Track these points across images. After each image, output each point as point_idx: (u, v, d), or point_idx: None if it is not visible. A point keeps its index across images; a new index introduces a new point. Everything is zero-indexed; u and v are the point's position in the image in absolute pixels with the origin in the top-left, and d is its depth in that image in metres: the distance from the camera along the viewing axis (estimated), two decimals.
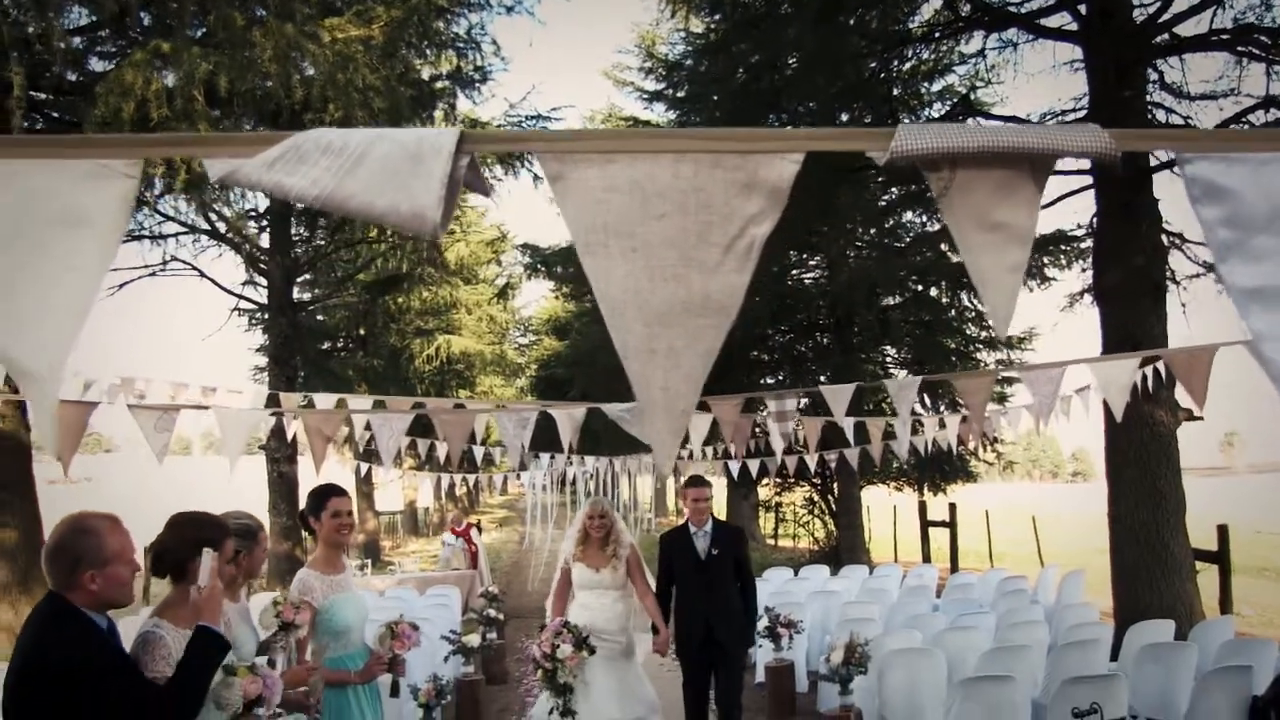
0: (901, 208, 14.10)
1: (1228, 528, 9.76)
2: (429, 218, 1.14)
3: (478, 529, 13.69)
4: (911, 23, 10.13)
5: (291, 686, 3.15)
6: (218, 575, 2.55)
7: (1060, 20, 9.43)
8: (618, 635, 5.05)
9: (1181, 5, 8.62)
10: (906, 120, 10.85)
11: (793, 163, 1.18)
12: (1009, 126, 1.20)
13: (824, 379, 13.65)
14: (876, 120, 10.22)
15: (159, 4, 8.39)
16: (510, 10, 13.02)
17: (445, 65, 12.60)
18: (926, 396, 13.87)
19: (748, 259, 1.20)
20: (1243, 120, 9.02)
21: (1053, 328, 14.26)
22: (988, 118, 11.59)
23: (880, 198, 13.47)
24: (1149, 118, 9.06)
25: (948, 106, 12.89)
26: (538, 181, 14.68)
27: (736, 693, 5.15)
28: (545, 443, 8.18)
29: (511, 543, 24.50)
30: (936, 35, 10.20)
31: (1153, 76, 9.37)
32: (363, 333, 20.86)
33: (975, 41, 10.57)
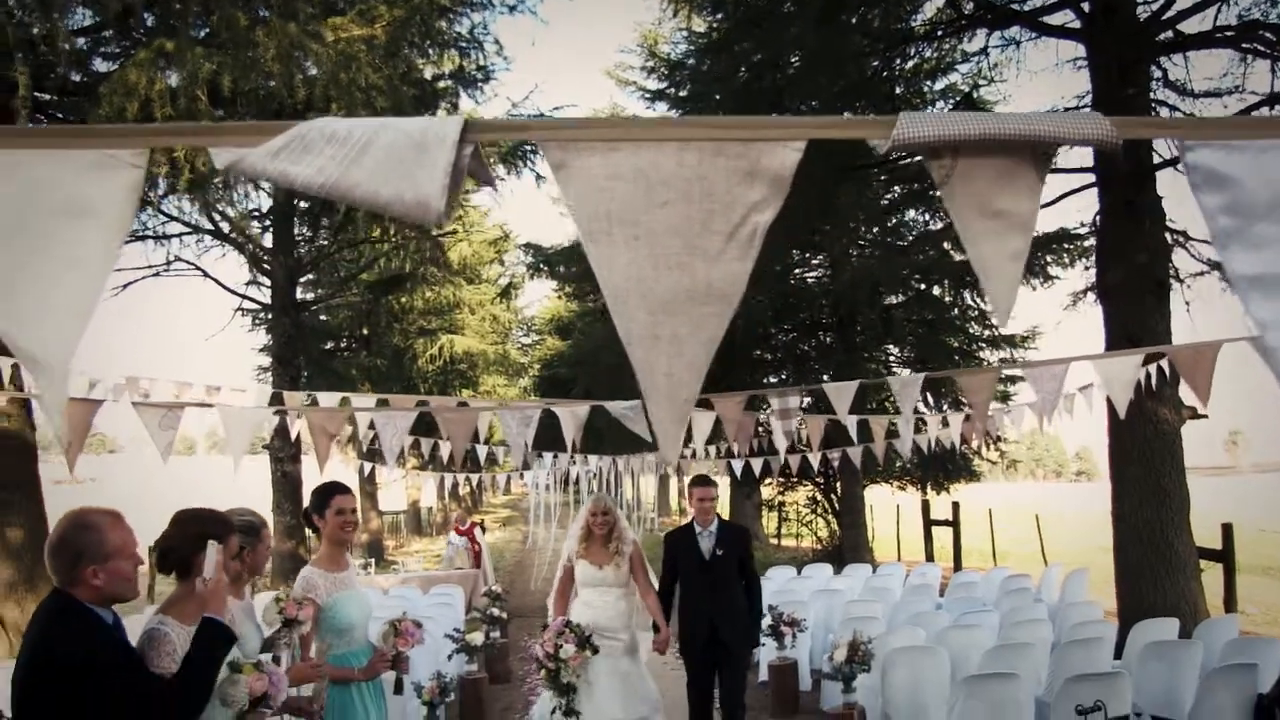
0: (904, 206, 14.09)
1: (1232, 526, 9.71)
2: (433, 206, 1.14)
3: (481, 528, 13.70)
4: (914, 21, 10.11)
5: (296, 684, 3.16)
6: (223, 569, 2.56)
7: (1063, 18, 9.39)
8: (621, 633, 5.04)
9: (1185, 2, 8.57)
10: None
11: (795, 151, 1.19)
12: (1010, 114, 1.20)
13: (827, 378, 13.63)
14: None
15: (162, 4, 8.41)
16: (513, 9, 12.99)
17: (448, 64, 12.60)
18: (929, 395, 13.85)
19: (750, 247, 1.21)
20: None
21: (1056, 326, 14.34)
22: None
23: (883, 196, 13.45)
24: (1152, 115, 9.02)
25: (950, 105, 12.86)
26: (540, 181, 14.69)
27: (740, 692, 5.14)
28: (548, 442, 8.18)
29: (515, 542, 24.49)
30: (939, 33, 10.18)
31: (1156, 74, 9.32)
32: (366, 332, 20.90)
33: (978, 39, 10.54)
